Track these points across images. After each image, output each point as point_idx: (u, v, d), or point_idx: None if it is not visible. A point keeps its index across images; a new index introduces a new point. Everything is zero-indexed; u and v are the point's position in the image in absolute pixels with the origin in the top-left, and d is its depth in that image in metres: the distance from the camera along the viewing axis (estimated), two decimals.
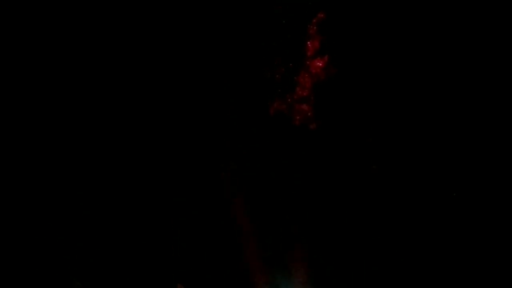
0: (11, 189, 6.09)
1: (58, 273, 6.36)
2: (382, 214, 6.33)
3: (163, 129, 6.66)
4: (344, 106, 6.51)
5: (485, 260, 5.85)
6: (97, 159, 6.54)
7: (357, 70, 6.48)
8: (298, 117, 6.57)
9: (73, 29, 6.29)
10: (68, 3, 6.20)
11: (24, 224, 6.26)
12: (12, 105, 6.11)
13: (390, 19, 6.40)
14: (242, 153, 6.76)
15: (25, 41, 6.13)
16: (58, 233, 6.51)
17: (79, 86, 6.42)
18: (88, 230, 6.67)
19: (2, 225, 5.92)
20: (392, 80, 6.36)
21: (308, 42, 6.59)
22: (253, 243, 6.76)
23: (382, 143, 6.42)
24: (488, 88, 6.02)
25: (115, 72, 6.48)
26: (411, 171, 6.26)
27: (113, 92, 6.50)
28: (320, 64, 6.52)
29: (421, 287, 6.06)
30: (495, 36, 5.93)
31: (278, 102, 6.62)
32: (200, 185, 6.73)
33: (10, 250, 5.97)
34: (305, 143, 6.59)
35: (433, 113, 6.19)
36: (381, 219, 6.33)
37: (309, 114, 6.52)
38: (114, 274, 6.81)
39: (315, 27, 6.59)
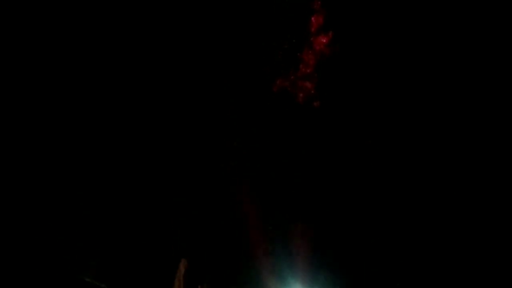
0: (16, 187, 6.12)
1: (65, 259, 6.45)
2: (383, 194, 6.30)
3: (168, 110, 6.61)
4: (349, 83, 6.39)
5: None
6: (102, 154, 6.56)
7: (362, 46, 6.32)
8: (301, 95, 6.46)
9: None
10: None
11: (30, 220, 6.32)
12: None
13: None
14: (245, 132, 6.71)
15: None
16: (64, 217, 6.58)
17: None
18: (94, 215, 6.75)
19: (9, 223, 5.97)
20: (397, 56, 6.20)
21: (312, 17, 6.42)
22: (255, 221, 6.80)
23: (386, 120, 6.33)
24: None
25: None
26: (413, 152, 6.19)
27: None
28: (324, 41, 6.36)
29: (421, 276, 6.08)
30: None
31: (281, 80, 6.51)
32: (203, 165, 6.72)
33: (20, 248, 6.02)
34: (309, 120, 6.51)
35: (436, 91, 6.05)
36: (382, 199, 6.30)
37: (312, 91, 6.41)
38: (123, 252, 6.94)
39: (319, 2, 6.41)
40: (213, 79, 6.54)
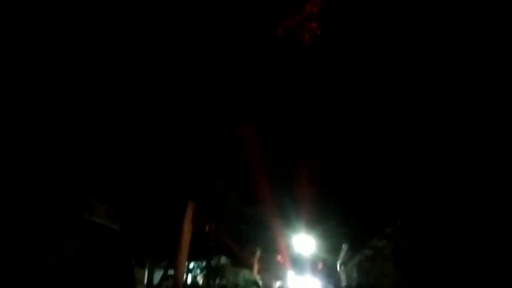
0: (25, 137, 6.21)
1: (75, 191, 6.67)
2: (386, 133, 6.18)
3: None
4: (357, 23, 6.01)
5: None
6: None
7: None
8: (307, 36, 6.14)
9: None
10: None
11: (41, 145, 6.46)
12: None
13: None
14: (250, 74, 6.54)
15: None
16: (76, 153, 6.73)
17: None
18: (107, 153, 6.88)
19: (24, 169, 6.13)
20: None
21: None
22: (259, 162, 6.84)
23: (393, 62, 6.02)
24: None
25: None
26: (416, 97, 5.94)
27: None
28: None
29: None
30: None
31: (286, 20, 6.17)
32: (209, 110, 6.67)
33: (33, 193, 6.22)
34: (314, 63, 6.27)
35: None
36: (385, 137, 6.19)
37: (318, 33, 6.08)
38: (135, 196, 7.17)
39: None
40: (218, 18, 6.28)
